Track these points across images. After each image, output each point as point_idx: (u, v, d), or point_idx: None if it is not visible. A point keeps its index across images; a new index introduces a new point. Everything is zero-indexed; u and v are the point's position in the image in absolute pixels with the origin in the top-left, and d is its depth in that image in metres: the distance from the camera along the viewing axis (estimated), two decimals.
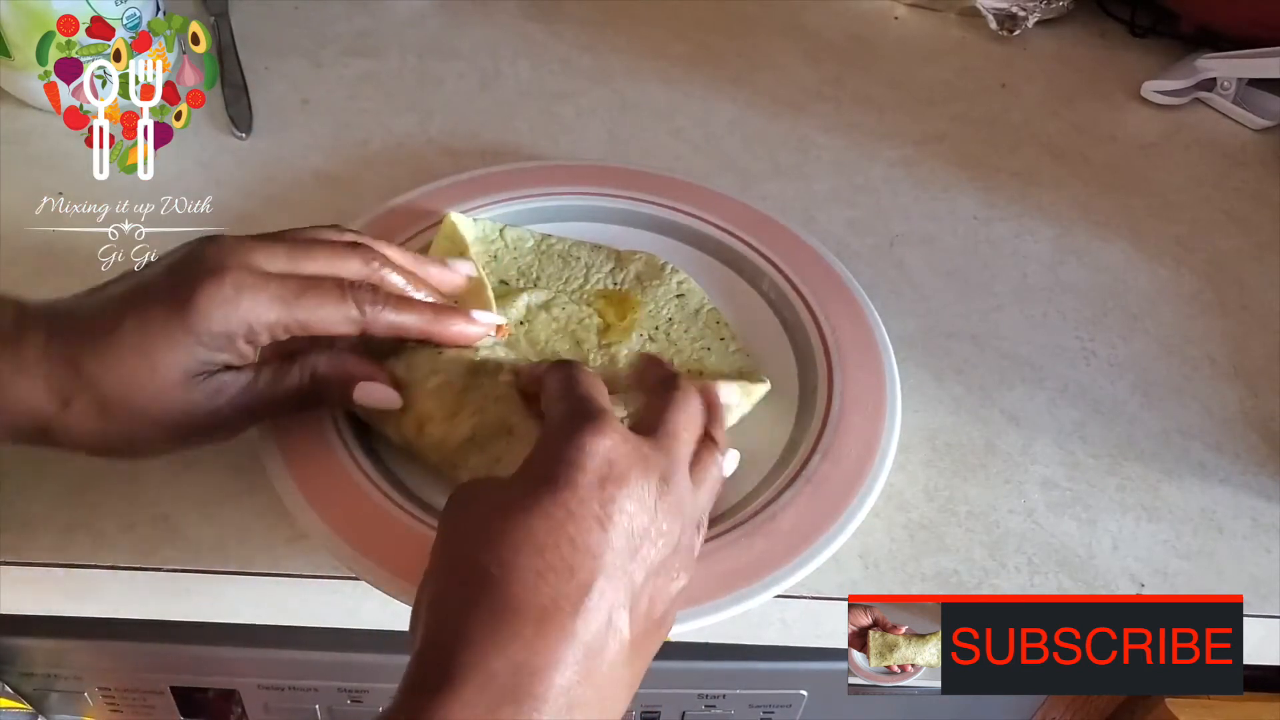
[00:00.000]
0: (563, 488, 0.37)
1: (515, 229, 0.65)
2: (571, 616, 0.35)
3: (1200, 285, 0.75)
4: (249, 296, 0.45)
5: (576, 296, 0.63)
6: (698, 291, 0.64)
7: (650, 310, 0.62)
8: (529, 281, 0.64)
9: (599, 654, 0.35)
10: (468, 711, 0.32)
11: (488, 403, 0.52)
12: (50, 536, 0.54)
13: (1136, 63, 0.96)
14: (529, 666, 0.33)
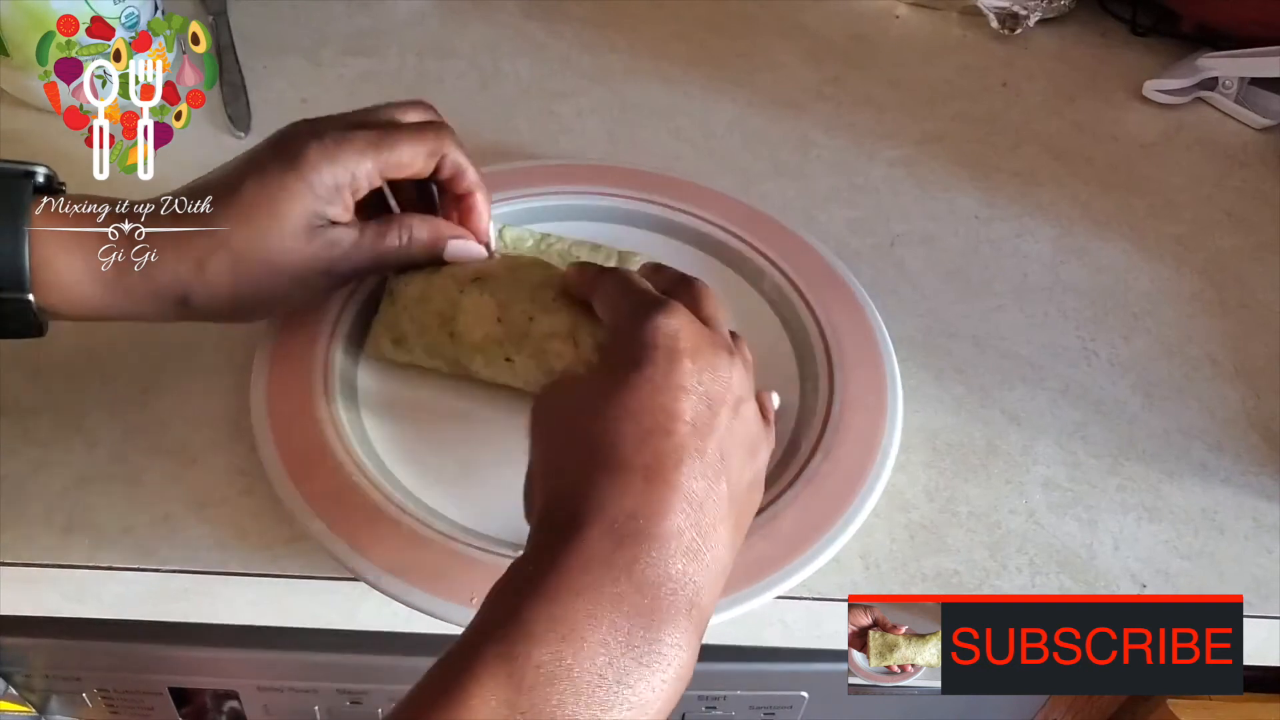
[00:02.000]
0: (646, 365, 0.41)
1: (515, 229, 0.65)
2: (674, 471, 0.38)
3: (1201, 285, 0.75)
4: (347, 148, 0.51)
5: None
6: None
7: None
8: None
9: (701, 506, 0.38)
10: (593, 549, 0.36)
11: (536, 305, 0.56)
12: (49, 537, 0.54)
13: (1138, 62, 0.96)
14: (643, 513, 0.37)
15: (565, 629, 0.33)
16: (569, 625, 0.34)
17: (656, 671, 0.34)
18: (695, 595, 0.37)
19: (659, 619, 0.35)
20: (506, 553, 0.53)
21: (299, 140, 0.51)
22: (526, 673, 0.32)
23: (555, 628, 0.33)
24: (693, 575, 0.37)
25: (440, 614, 0.50)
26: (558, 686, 0.32)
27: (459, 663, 0.33)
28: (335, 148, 0.51)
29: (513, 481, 0.57)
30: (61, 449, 0.58)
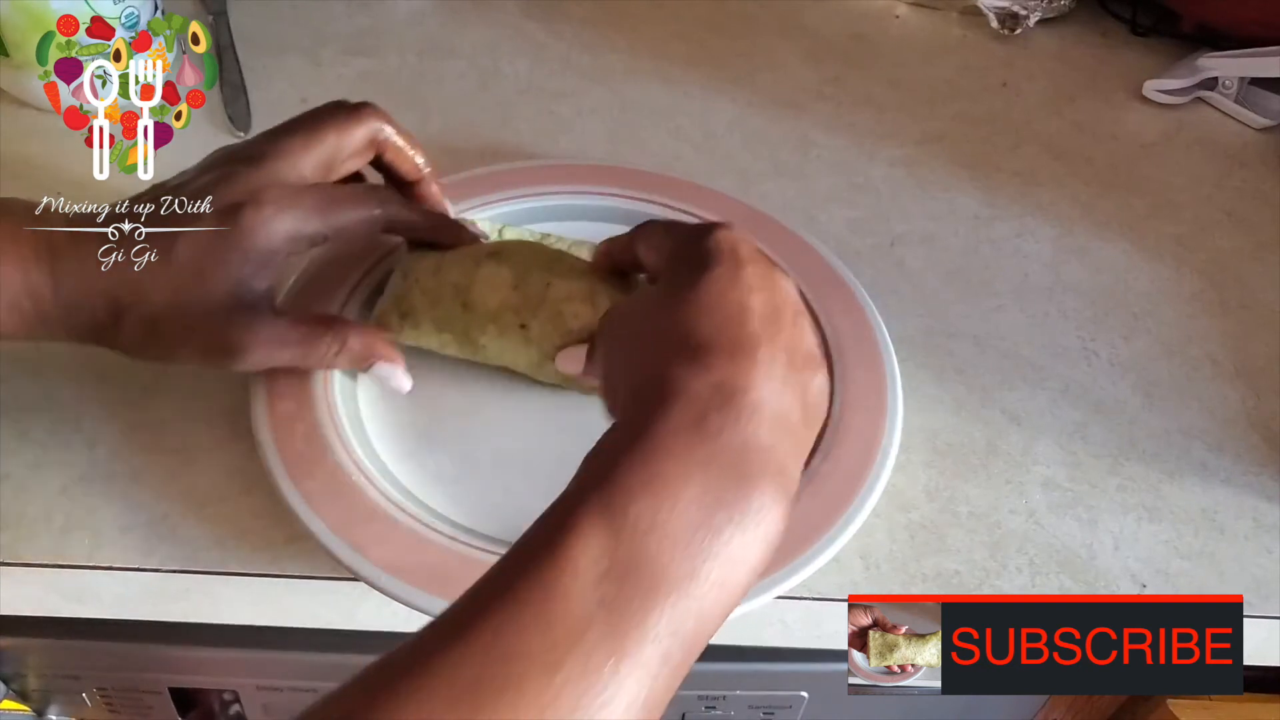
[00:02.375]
0: (715, 266, 0.42)
1: (515, 229, 0.65)
2: (754, 352, 0.39)
3: (1202, 285, 0.75)
4: (288, 214, 0.51)
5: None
6: None
7: None
8: None
9: (780, 389, 0.39)
10: (683, 417, 0.37)
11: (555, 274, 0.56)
12: (48, 537, 0.54)
13: (1138, 62, 0.96)
14: (729, 385, 0.38)
15: (659, 486, 0.35)
16: (663, 483, 0.35)
17: (748, 530, 0.35)
18: (782, 463, 0.38)
19: (748, 481, 0.36)
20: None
21: (239, 203, 0.50)
22: (624, 525, 0.34)
23: (650, 485, 0.35)
24: (777, 444, 0.38)
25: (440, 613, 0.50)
26: (654, 537, 0.34)
27: (559, 519, 0.35)
28: (276, 214, 0.51)
29: (513, 482, 0.57)
30: (60, 448, 0.58)
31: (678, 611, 0.33)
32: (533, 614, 0.32)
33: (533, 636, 0.31)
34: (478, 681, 0.30)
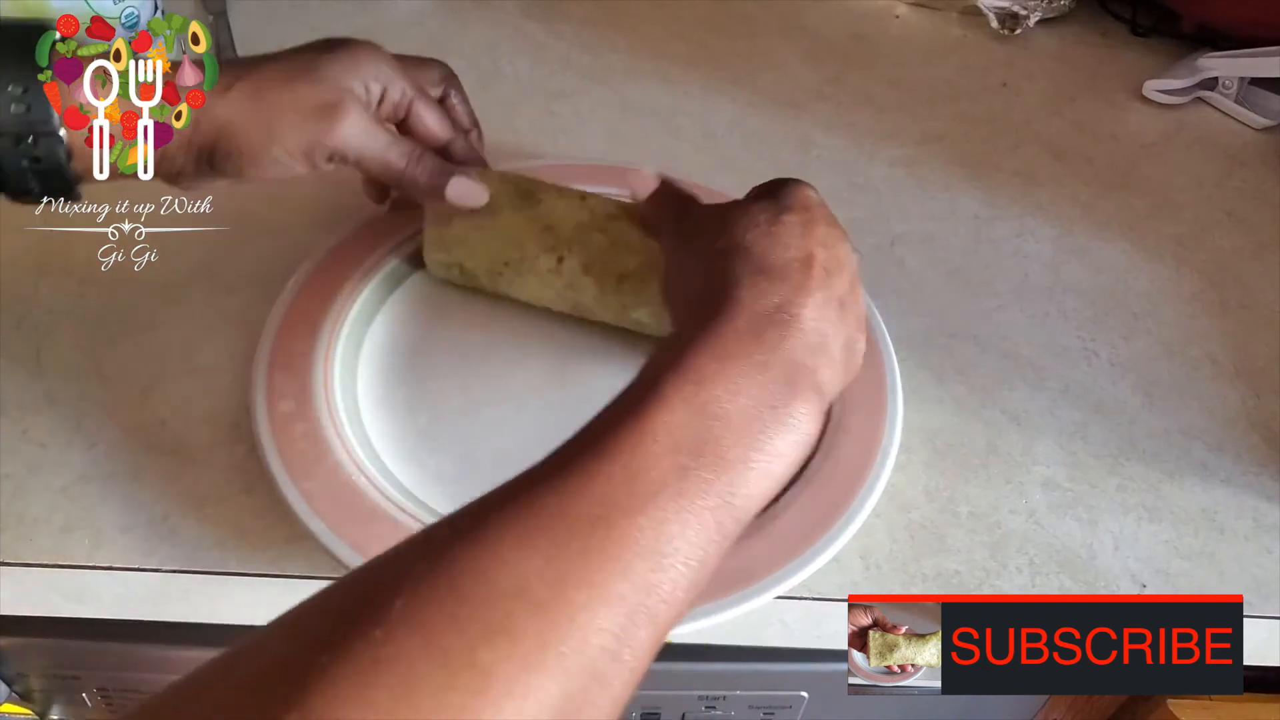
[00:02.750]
0: (795, 211, 0.47)
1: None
2: (811, 290, 0.44)
3: (1202, 285, 0.75)
4: (384, 58, 0.58)
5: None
6: None
7: None
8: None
9: (828, 328, 0.44)
10: (747, 326, 0.42)
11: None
12: (48, 537, 0.54)
13: (1138, 62, 0.96)
14: (787, 308, 0.43)
15: (725, 380, 0.40)
16: (728, 377, 0.40)
17: (789, 431, 0.40)
18: (821, 383, 0.43)
19: (794, 390, 0.41)
20: None
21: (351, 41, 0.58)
22: (697, 406, 0.39)
23: (719, 376, 0.40)
24: (821, 366, 0.43)
25: None
26: (720, 422, 0.39)
27: (641, 392, 0.39)
28: (375, 52, 0.58)
29: None
30: (61, 448, 0.58)
31: (733, 489, 0.38)
32: (621, 468, 0.36)
33: (619, 486, 0.36)
34: (571, 517, 0.35)
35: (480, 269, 0.63)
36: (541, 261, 0.60)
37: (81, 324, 0.64)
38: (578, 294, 0.61)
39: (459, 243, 0.62)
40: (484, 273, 0.63)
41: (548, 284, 0.61)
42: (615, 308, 0.61)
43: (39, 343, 0.63)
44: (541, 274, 0.61)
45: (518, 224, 0.61)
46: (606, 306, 0.61)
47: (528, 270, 0.61)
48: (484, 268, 0.62)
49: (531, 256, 0.61)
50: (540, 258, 0.60)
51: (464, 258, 0.63)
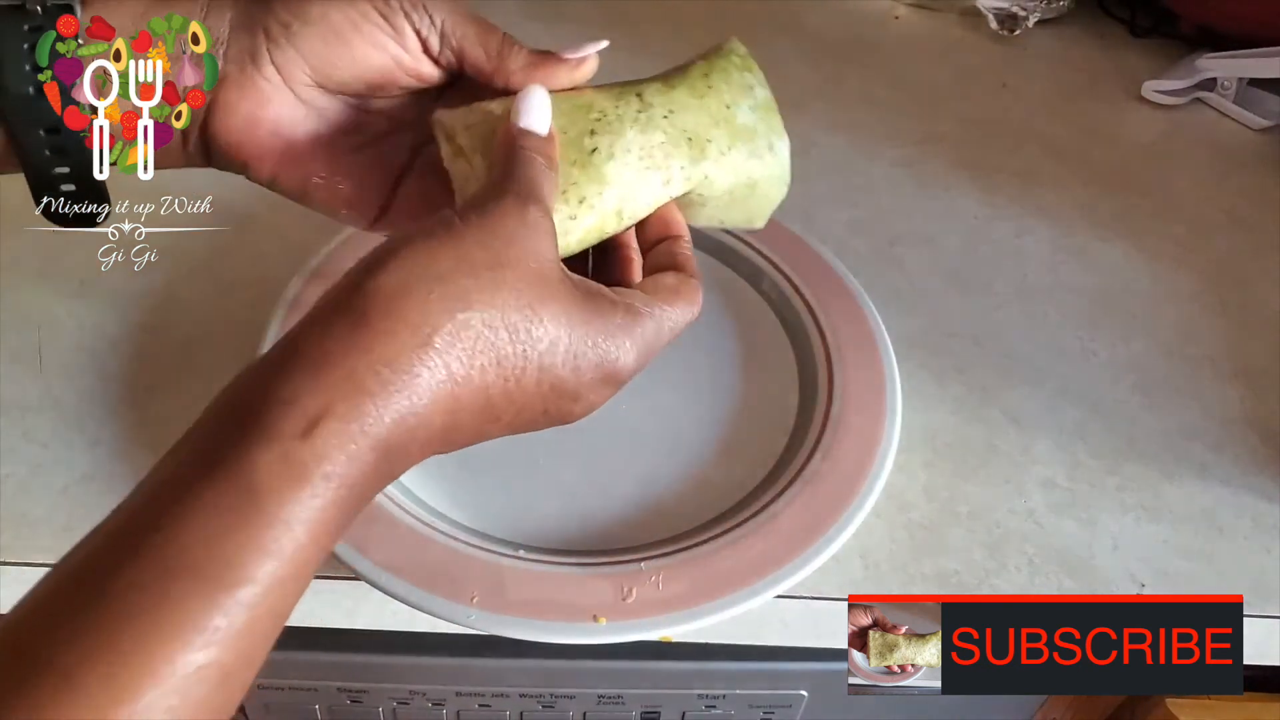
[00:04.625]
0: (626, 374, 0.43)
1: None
2: (530, 419, 0.41)
3: (1201, 285, 0.75)
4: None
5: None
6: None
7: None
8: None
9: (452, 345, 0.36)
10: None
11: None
12: (50, 537, 0.54)
13: (1137, 63, 0.96)
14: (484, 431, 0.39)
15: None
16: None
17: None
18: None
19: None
20: (506, 551, 0.53)
21: None
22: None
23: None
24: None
25: (441, 613, 0.50)
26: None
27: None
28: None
29: (513, 481, 0.57)
30: (62, 448, 0.58)
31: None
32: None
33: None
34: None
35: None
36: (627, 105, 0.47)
37: (81, 324, 0.64)
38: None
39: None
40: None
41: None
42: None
43: (39, 343, 0.63)
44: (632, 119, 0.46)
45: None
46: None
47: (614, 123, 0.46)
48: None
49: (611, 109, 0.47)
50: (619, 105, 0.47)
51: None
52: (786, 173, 0.49)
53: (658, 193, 0.46)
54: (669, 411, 0.62)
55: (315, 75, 0.45)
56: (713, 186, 0.47)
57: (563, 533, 0.56)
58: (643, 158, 0.46)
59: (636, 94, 0.47)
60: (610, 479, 0.58)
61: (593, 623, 0.51)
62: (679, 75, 0.49)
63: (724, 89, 0.48)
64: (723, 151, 0.47)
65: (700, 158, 0.47)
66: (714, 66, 0.49)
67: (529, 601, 0.51)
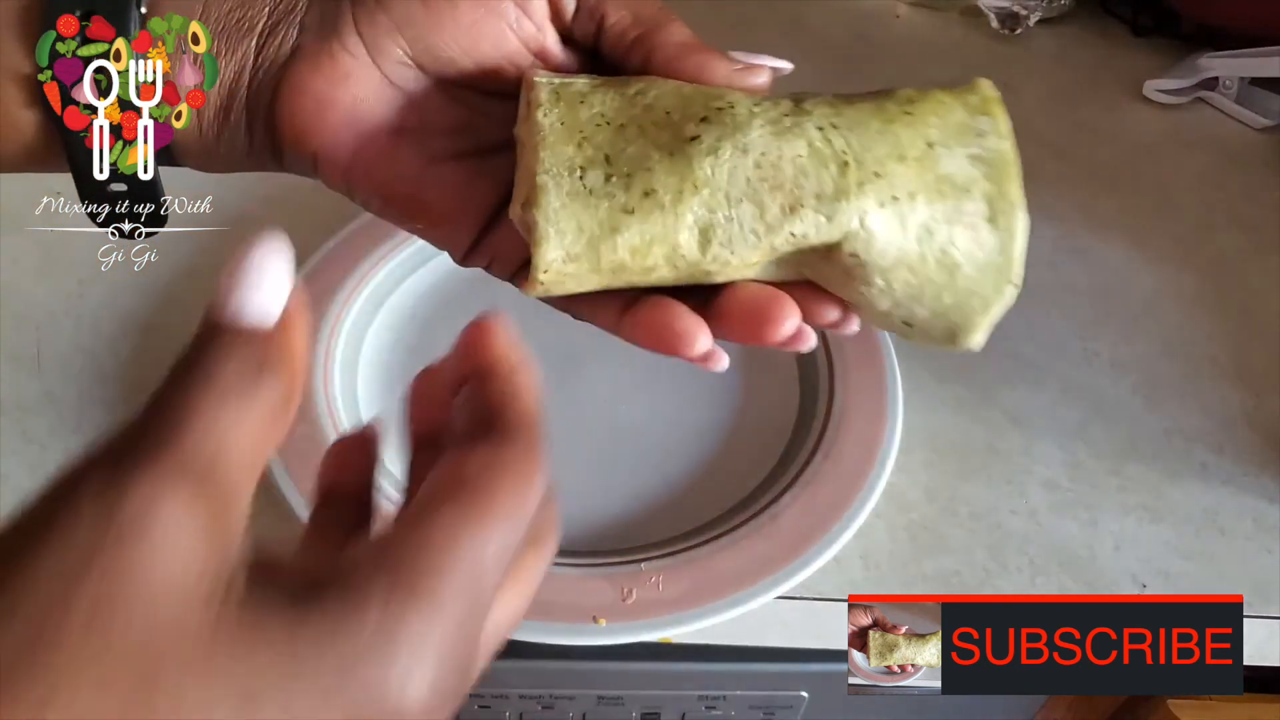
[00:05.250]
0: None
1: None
2: None
3: (1202, 286, 0.75)
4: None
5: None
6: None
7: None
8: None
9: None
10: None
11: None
12: None
13: (1138, 62, 0.96)
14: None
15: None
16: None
17: None
18: None
19: None
20: None
21: None
22: None
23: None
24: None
25: None
26: None
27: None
28: None
29: None
30: (60, 448, 0.58)
31: None
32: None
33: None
34: None
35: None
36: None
37: (81, 324, 0.64)
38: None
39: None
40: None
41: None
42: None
43: (39, 343, 0.63)
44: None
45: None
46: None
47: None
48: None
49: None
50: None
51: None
52: (1015, 265, 0.35)
53: (767, 226, 0.33)
54: (669, 411, 0.62)
55: (410, 48, 0.36)
56: (872, 245, 0.33)
57: (562, 533, 0.56)
58: (760, 166, 0.33)
59: (793, 99, 0.36)
60: (610, 479, 0.58)
61: (592, 624, 0.50)
62: (869, 95, 0.37)
63: (931, 121, 0.35)
64: (898, 196, 0.33)
65: (854, 191, 0.33)
66: (929, 95, 0.37)
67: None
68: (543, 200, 0.34)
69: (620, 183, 0.34)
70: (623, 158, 0.34)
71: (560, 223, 0.33)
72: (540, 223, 0.33)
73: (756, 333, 0.35)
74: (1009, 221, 0.35)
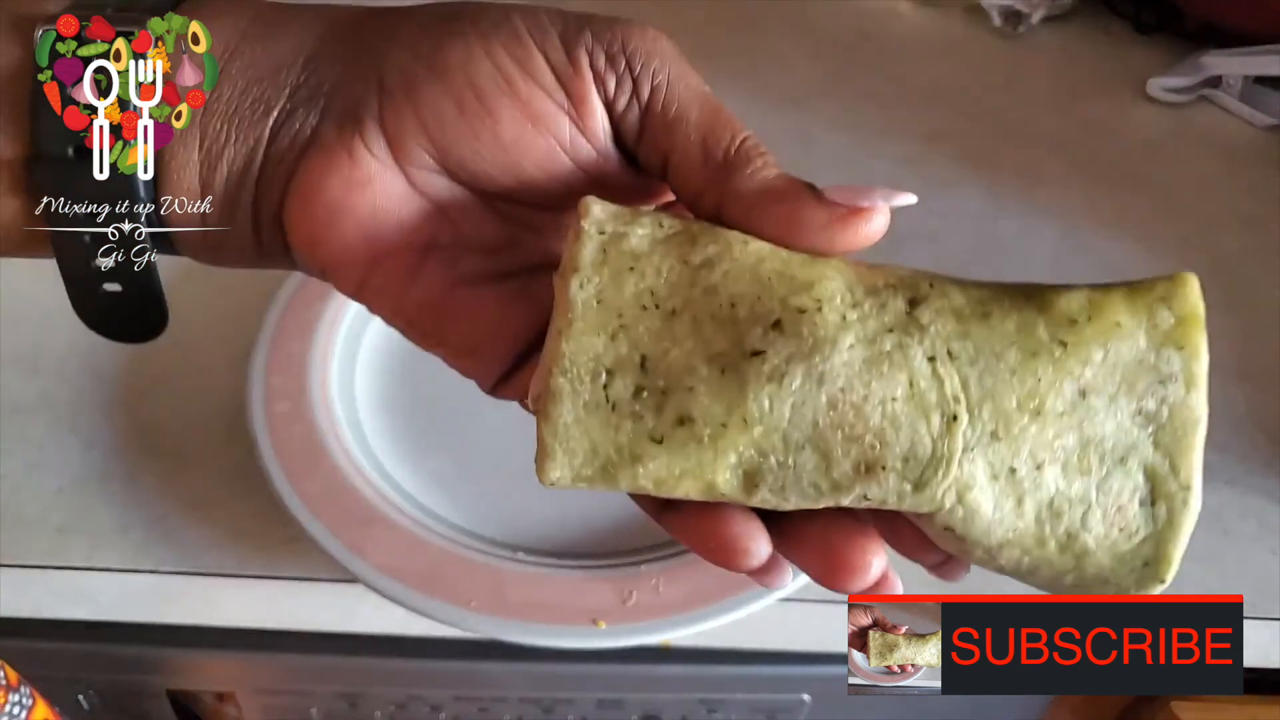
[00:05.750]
0: None
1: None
2: None
3: (1206, 285, 0.74)
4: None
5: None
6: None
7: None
8: None
9: None
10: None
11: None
12: (45, 539, 0.54)
13: (1142, 60, 0.96)
14: None
15: None
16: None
17: None
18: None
19: None
20: (505, 554, 0.53)
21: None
22: None
23: None
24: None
25: (439, 616, 0.50)
26: None
27: None
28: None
29: (511, 483, 0.57)
30: (57, 449, 0.58)
31: None
32: None
33: None
34: None
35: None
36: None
37: (78, 325, 0.64)
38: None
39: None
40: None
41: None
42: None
43: (36, 343, 0.63)
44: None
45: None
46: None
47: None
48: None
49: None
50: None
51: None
52: (1170, 565, 0.29)
53: (832, 483, 0.27)
54: None
55: (438, 153, 0.30)
56: (973, 524, 0.28)
57: (562, 535, 0.56)
58: (837, 407, 0.27)
59: (908, 299, 0.30)
60: None
61: (592, 626, 0.50)
62: (1020, 293, 0.30)
63: (1094, 356, 0.28)
64: (1018, 468, 0.27)
65: (957, 458, 0.27)
66: (1103, 308, 0.30)
67: (528, 605, 0.51)
68: (553, 410, 0.27)
69: (652, 401, 0.27)
70: (663, 365, 0.27)
71: (570, 441, 0.27)
72: (547, 438, 0.27)
73: (829, 578, 0.29)
74: (1174, 510, 0.27)
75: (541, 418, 0.28)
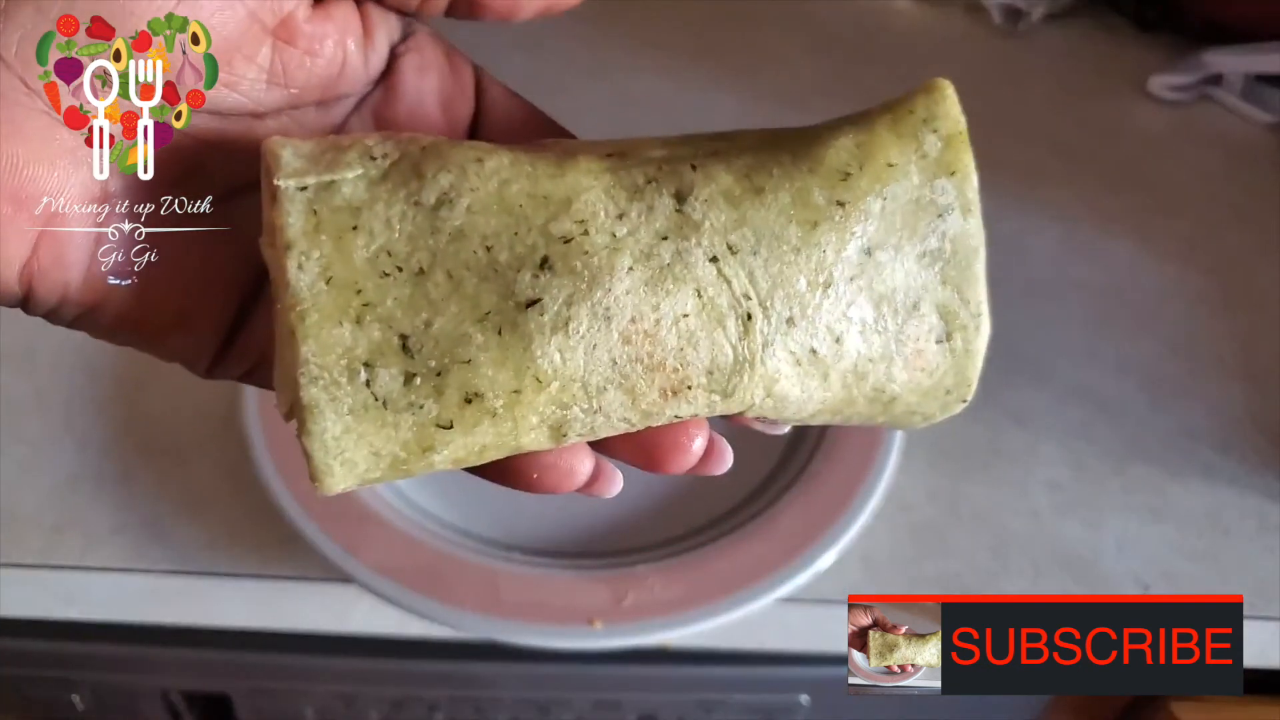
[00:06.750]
0: None
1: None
2: None
3: (1208, 284, 0.74)
4: None
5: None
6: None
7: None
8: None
9: None
10: None
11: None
12: (39, 538, 0.54)
13: (1143, 57, 0.95)
14: None
15: None
16: None
17: None
18: None
19: None
20: (500, 554, 0.53)
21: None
22: None
23: None
24: None
25: (433, 616, 0.49)
26: None
27: None
28: None
29: None
30: (51, 447, 0.57)
31: None
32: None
33: None
34: None
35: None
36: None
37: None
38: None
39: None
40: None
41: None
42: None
43: (31, 341, 0.62)
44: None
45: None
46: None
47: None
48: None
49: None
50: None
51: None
52: (969, 386, 0.28)
53: (643, 413, 0.26)
54: None
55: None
56: (784, 409, 0.27)
57: (558, 534, 0.55)
58: (631, 340, 0.25)
59: (676, 191, 0.26)
60: None
61: (588, 627, 0.50)
62: (787, 149, 0.28)
63: (872, 207, 0.27)
64: (818, 348, 0.26)
65: (760, 356, 0.26)
66: (871, 151, 0.28)
67: (523, 605, 0.50)
68: (314, 426, 0.24)
69: (428, 386, 0.24)
70: (428, 341, 0.24)
71: (345, 453, 0.24)
72: (316, 455, 0.24)
73: (653, 464, 0.27)
74: (968, 339, 0.27)
75: (303, 433, 0.24)
